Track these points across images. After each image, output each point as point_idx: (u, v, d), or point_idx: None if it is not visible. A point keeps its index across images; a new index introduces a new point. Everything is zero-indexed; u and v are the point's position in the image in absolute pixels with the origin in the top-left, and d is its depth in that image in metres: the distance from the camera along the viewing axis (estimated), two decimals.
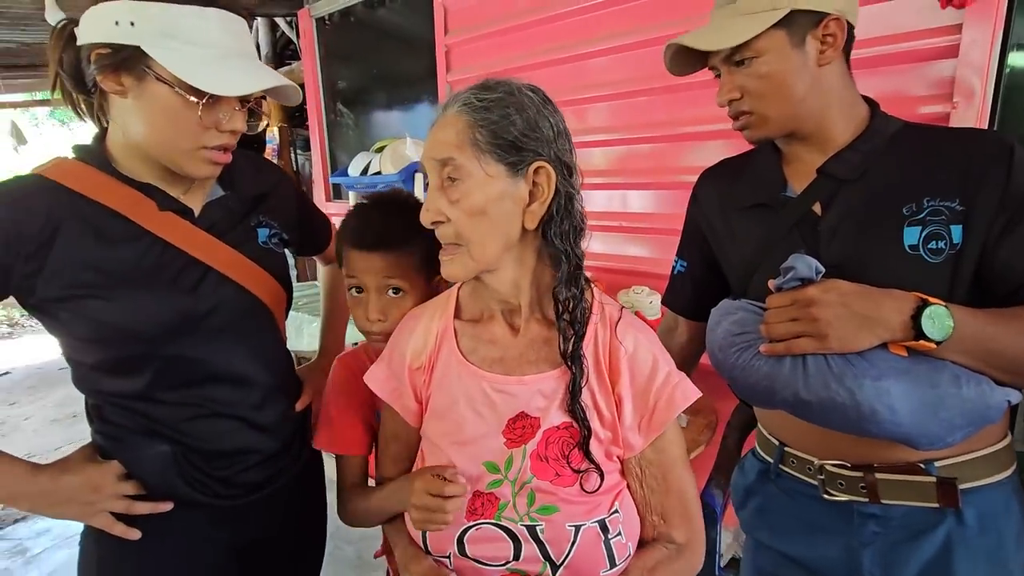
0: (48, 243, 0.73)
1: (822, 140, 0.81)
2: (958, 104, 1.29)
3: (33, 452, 3.36)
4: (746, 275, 0.86)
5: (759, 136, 0.83)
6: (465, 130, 0.66)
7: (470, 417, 0.73)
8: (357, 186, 2.52)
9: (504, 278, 0.72)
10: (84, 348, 0.79)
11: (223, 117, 0.76)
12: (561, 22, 1.99)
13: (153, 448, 0.82)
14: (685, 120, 1.74)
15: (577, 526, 0.68)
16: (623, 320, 0.75)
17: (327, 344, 1.18)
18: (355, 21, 2.99)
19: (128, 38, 0.70)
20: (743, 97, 0.80)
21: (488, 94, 0.67)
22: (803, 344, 0.72)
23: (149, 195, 0.79)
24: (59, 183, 0.75)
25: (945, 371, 0.70)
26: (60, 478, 0.79)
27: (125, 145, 0.79)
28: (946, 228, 0.72)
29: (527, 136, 0.66)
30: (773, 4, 0.74)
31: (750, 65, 0.77)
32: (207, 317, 0.81)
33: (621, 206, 1.93)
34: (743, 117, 0.82)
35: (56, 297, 0.74)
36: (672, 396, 0.72)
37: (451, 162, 0.66)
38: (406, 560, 0.75)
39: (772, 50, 0.76)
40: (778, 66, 0.76)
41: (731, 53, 0.78)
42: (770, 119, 0.80)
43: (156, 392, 0.80)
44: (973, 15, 1.24)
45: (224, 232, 0.84)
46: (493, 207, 0.67)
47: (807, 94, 0.77)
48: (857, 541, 0.80)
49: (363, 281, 0.86)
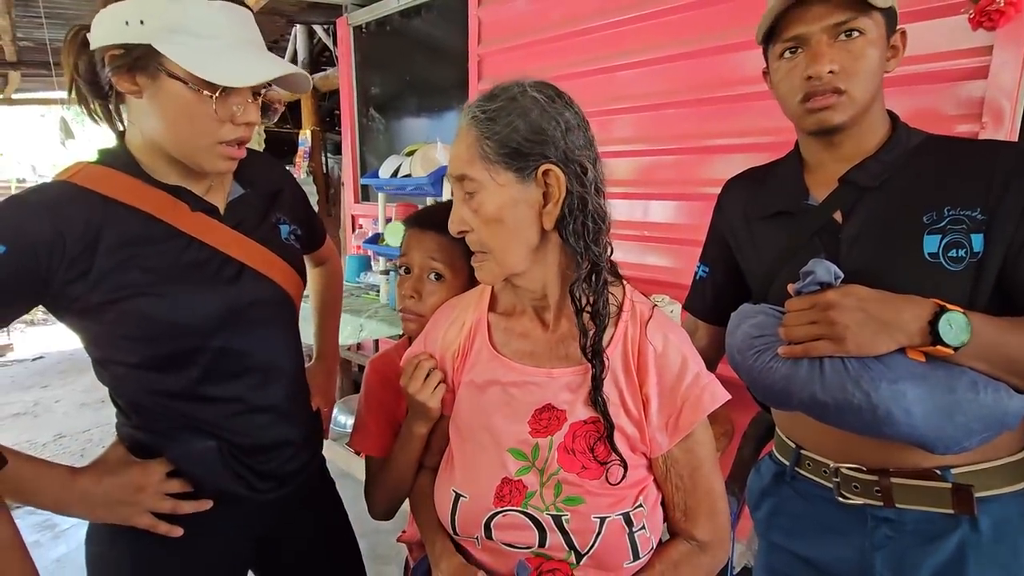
0: (92, 247, 0.73)
1: (855, 146, 0.82)
2: (987, 124, 1.30)
3: (63, 433, 3.49)
4: (767, 281, 0.88)
5: (838, 121, 0.79)
6: (474, 144, 0.69)
7: (497, 405, 0.76)
8: (387, 188, 2.58)
9: (533, 278, 0.74)
10: (130, 347, 0.78)
11: (237, 110, 0.75)
12: (591, 35, 2.04)
13: (201, 443, 0.82)
14: (711, 133, 1.77)
15: (602, 518, 0.70)
16: (654, 319, 0.75)
17: (322, 347, 1.21)
18: (391, 30, 3.08)
19: (139, 37, 0.70)
20: (839, 72, 0.76)
21: (491, 104, 0.69)
22: (821, 347, 0.73)
23: (180, 197, 0.80)
24: (90, 189, 0.75)
25: (963, 377, 0.71)
26: (102, 480, 0.78)
27: (144, 146, 0.79)
28: (967, 237, 0.73)
29: (531, 141, 0.67)
30: None
31: (855, 40, 0.75)
32: (249, 309, 0.83)
33: (644, 216, 1.95)
34: (829, 96, 0.77)
35: (104, 300, 0.74)
36: (700, 398, 0.72)
37: (465, 178, 0.70)
38: (436, 556, 0.78)
39: (875, 33, 0.76)
40: (875, 50, 0.76)
41: (842, 21, 0.75)
42: (857, 101, 0.77)
43: (203, 386, 0.81)
44: (1004, 37, 1.26)
45: (252, 229, 0.86)
46: (508, 214, 0.69)
47: (879, 89, 0.79)
48: (870, 544, 0.81)
49: (411, 259, 0.92)
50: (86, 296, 0.73)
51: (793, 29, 0.78)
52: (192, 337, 0.79)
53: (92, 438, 3.39)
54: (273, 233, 0.90)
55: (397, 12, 2.97)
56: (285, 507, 0.92)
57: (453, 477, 0.77)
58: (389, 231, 2.47)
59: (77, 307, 0.75)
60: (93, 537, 0.86)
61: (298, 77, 0.79)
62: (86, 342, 0.80)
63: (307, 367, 1.06)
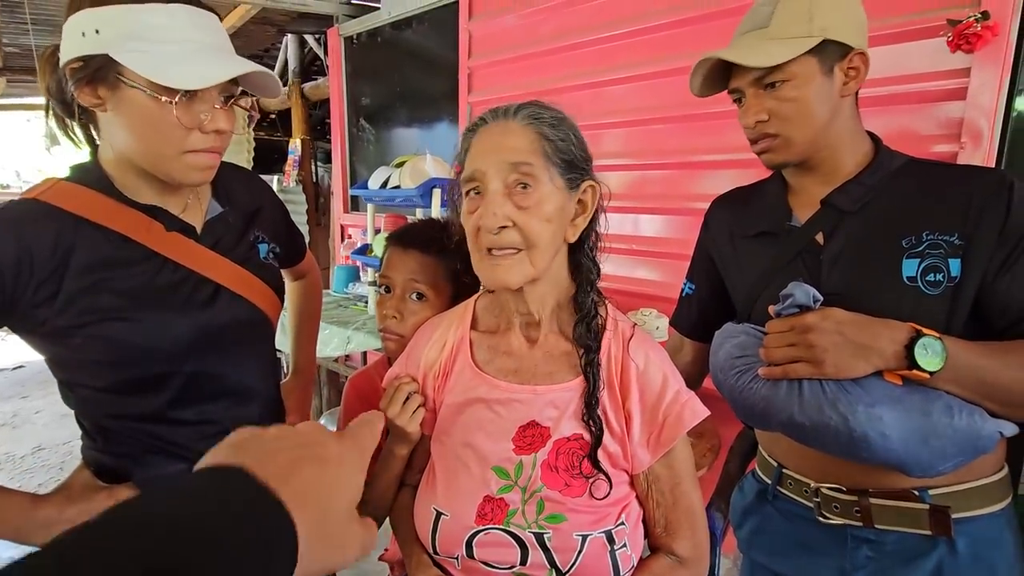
0: (60, 269, 0.71)
1: (830, 171, 0.84)
2: (966, 145, 1.32)
3: (43, 445, 3.42)
4: (750, 300, 0.89)
5: (779, 160, 0.84)
6: (536, 140, 0.70)
7: (480, 422, 0.76)
8: (376, 199, 2.58)
9: (539, 287, 0.75)
10: (96, 371, 0.75)
11: (204, 117, 0.72)
12: (581, 50, 2.06)
13: (172, 467, 0.79)
14: (697, 149, 1.79)
15: (584, 535, 0.70)
16: (635, 337, 0.77)
17: (299, 363, 1.19)
18: (382, 41, 3.09)
19: (96, 47, 0.68)
20: (769, 120, 0.81)
21: (548, 112, 0.72)
22: (799, 369, 0.74)
23: (155, 217, 0.77)
24: (61, 208, 0.72)
25: (938, 401, 0.72)
26: (66, 508, 0.74)
27: (116, 162, 0.76)
28: (944, 261, 0.74)
29: (582, 156, 0.73)
30: (808, 31, 0.77)
31: (780, 88, 0.79)
32: (223, 332, 0.81)
33: (632, 230, 1.97)
34: (766, 140, 0.83)
35: (71, 324, 0.71)
36: (681, 414, 0.73)
37: (527, 167, 0.69)
38: (413, 569, 0.77)
39: (803, 75, 0.78)
40: (807, 91, 0.78)
41: (762, 75, 0.79)
42: (793, 143, 0.81)
43: (175, 410, 0.79)
44: (981, 59, 1.28)
45: (229, 249, 0.84)
46: (557, 217, 0.71)
47: (828, 122, 0.80)
48: (850, 564, 0.82)
49: (393, 278, 0.92)
50: (52, 320, 0.71)
51: (732, 82, 0.85)
52: (164, 362, 0.77)
53: (72, 451, 3.33)
54: (252, 253, 0.89)
55: (388, 24, 2.98)
56: None
57: (434, 495, 0.77)
58: (378, 242, 2.46)
59: (42, 331, 0.72)
60: None
61: (264, 78, 0.76)
62: (50, 363, 0.77)
63: (282, 383, 1.04)
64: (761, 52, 0.79)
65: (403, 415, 0.79)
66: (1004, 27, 1.24)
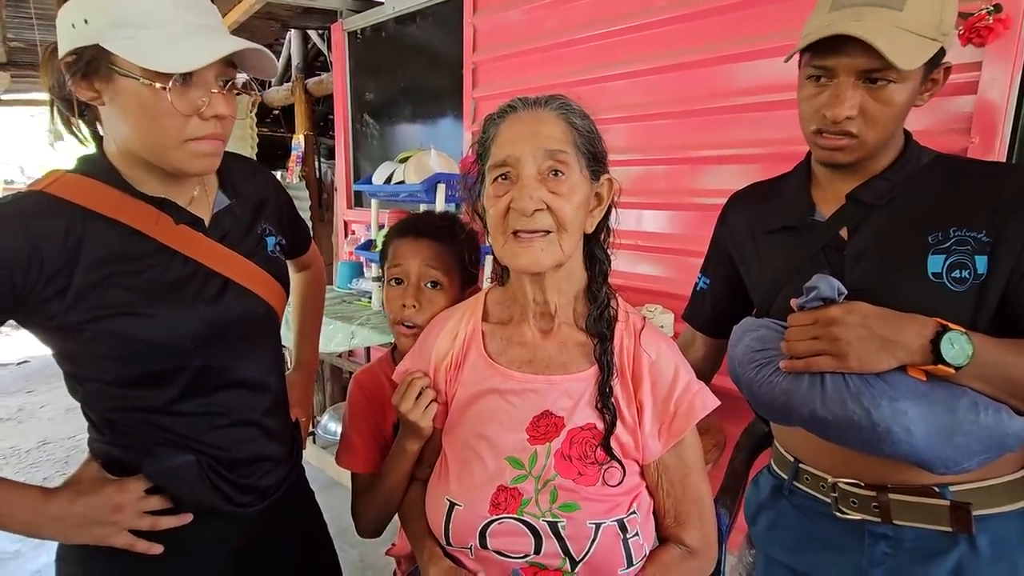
0: (71, 264, 0.70)
1: (866, 165, 0.80)
2: (976, 139, 1.31)
3: (48, 439, 3.43)
4: (770, 295, 0.88)
5: (848, 160, 0.78)
6: (569, 130, 0.72)
7: (494, 413, 0.76)
8: (380, 194, 2.57)
9: (559, 276, 0.76)
10: (105, 365, 0.75)
11: (201, 102, 0.70)
12: (585, 45, 2.05)
13: (180, 458, 0.79)
14: (702, 144, 1.78)
15: (597, 524, 0.70)
16: (647, 329, 0.78)
17: (302, 356, 1.18)
18: (386, 36, 3.08)
19: (86, 38, 0.67)
20: (856, 117, 0.74)
21: (573, 106, 0.74)
22: (822, 363, 0.73)
23: (163, 209, 0.77)
24: (69, 200, 0.71)
25: (964, 397, 0.71)
26: (76, 501, 0.74)
27: (120, 155, 0.75)
28: (971, 258, 0.73)
29: (604, 152, 0.76)
30: (936, 32, 0.71)
31: (884, 88, 0.72)
32: (232, 327, 0.81)
33: (636, 225, 1.96)
34: (844, 139, 0.76)
35: (83, 319, 0.70)
36: (692, 404, 0.75)
37: (563, 155, 0.71)
38: (425, 562, 0.77)
39: (911, 80, 0.72)
40: (905, 97, 0.73)
41: (874, 70, 0.71)
42: (867, 146, 0.76)
43: (182, 403, 0.79)
44: (992, 53, 1.27)
45: (237, 243, 0.84)
46: (583, 205, 0.73)
47: (900, 128, 0.78)
48: (867, 561, 0.81)
49: (406, 268, 0.91)
50: (62, 315, 0.70)
51: (827, 58, 0.74)
52: (173, 357, 0.77)
53: (78, 445, 3.33)
54: (259, 246, 0.88)
55: (392, 19, 2.97)
56: (265, 520, 0.90)
57: (447, 486, 0.77)
58: (381, 237, 2.45)
59: (52, 325, 0.71)
60: (64, 556, 0.83)
61: (259, 56, 0.74)
62: (58, 356, 0.77)
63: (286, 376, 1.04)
64: (901, 46, 0.69)
65: (416, 410, 0.79)
66: (1017, 20, 1.22)
